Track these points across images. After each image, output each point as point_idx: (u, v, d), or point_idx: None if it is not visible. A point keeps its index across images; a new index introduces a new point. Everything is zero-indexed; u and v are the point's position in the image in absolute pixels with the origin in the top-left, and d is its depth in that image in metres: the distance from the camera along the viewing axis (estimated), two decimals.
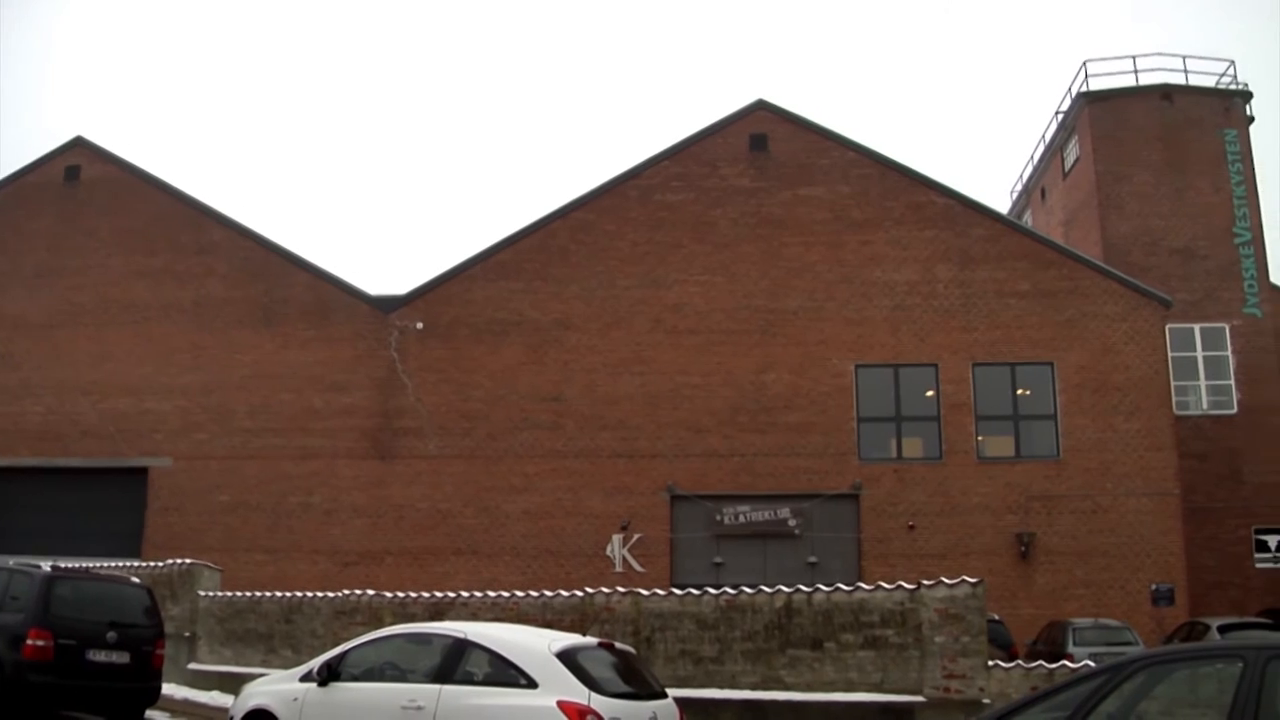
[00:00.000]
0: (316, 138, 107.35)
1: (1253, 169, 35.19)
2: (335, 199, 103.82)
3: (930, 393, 29.04)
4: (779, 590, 16.18)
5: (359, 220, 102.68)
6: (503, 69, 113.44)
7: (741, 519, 28.29)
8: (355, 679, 11.15)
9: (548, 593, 17.54)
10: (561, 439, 28.91)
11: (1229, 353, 33.77)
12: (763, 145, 30.19)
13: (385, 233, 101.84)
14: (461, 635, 10.90)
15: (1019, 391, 29.32)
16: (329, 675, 11.23)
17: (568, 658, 10.33)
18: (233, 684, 16.76)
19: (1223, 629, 22.89)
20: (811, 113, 30.85)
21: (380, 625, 15.52)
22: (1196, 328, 33.74)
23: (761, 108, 30.67)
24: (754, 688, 15.61)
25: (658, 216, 29.89)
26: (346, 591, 19.30)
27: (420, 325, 29.76)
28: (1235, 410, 33.54)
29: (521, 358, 29.38)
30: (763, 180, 30.03)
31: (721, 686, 15.72)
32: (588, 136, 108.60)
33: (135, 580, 16.20)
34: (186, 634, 20.79)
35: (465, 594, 18.17)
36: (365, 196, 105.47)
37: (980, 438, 28.93)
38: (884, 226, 29.67)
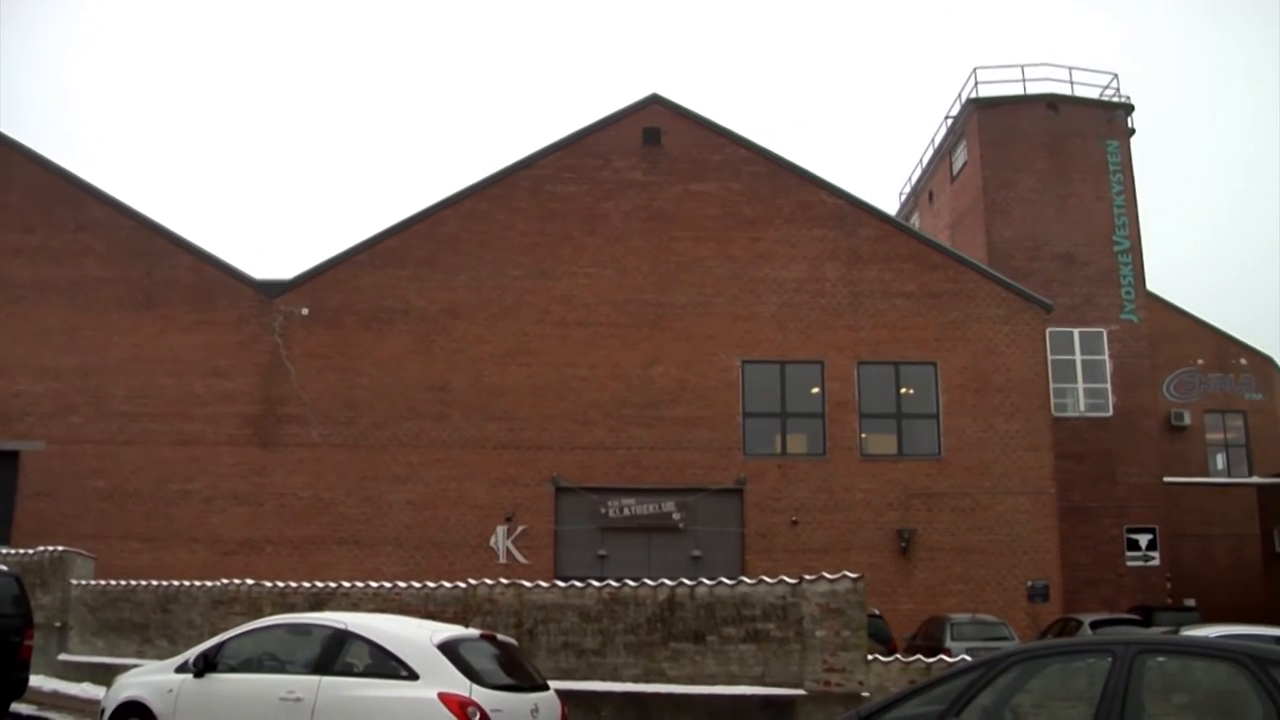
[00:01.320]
0: (205, 119, 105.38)
1: (1133, 179, 36.05)
2: (222, 181, 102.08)
3: (815, 390, 29.28)
4: (662, 583, 16.18)
5: (246, 204, 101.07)
6: (398, 55, 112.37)
7: (626, 512, 28.28)
8: (233, 670, 10.95)
9: (430, 584, 17.37)
10: (447, 429, 28.66)
11: (1106, 357, 34.54)
12: (656, 139, 30.20)
13: (272, 217, 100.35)
14: (342, 626, 10.77)
15: (903, 390, 29.69)
16: (205, 666, 11.02)
17: (449, 649, 10.26)
18: (105, 676, 16.31)
19: (1094, 625, 23.49)
20: (705, 109, 30.84)
21: (259, 615, 15.21)
22: (1076, 332, 34.44)
23: (655, 102, 30.66)
24: (636, 680, 15.59)
25: (549, 207, 29.75)
26: (225, 581, 18.91)
27: (305, 311, 29.28)
28: (1111, 413, 34.33)
29: (408, 346, 29.06)
30: (655, 174, 30.05)
31: (604, 679, 15.68)
32: (481, 126, 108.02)
33: (3, 568, 15.71)
34: (57, 624, 20.21)
35: (347, 584, 17.90)
36: (253, 180, 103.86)
37: (864, 435, 29.25)
38: (774, 224, 29.85)
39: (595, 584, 16.58)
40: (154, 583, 19.79)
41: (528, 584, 16.85)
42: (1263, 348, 43.38)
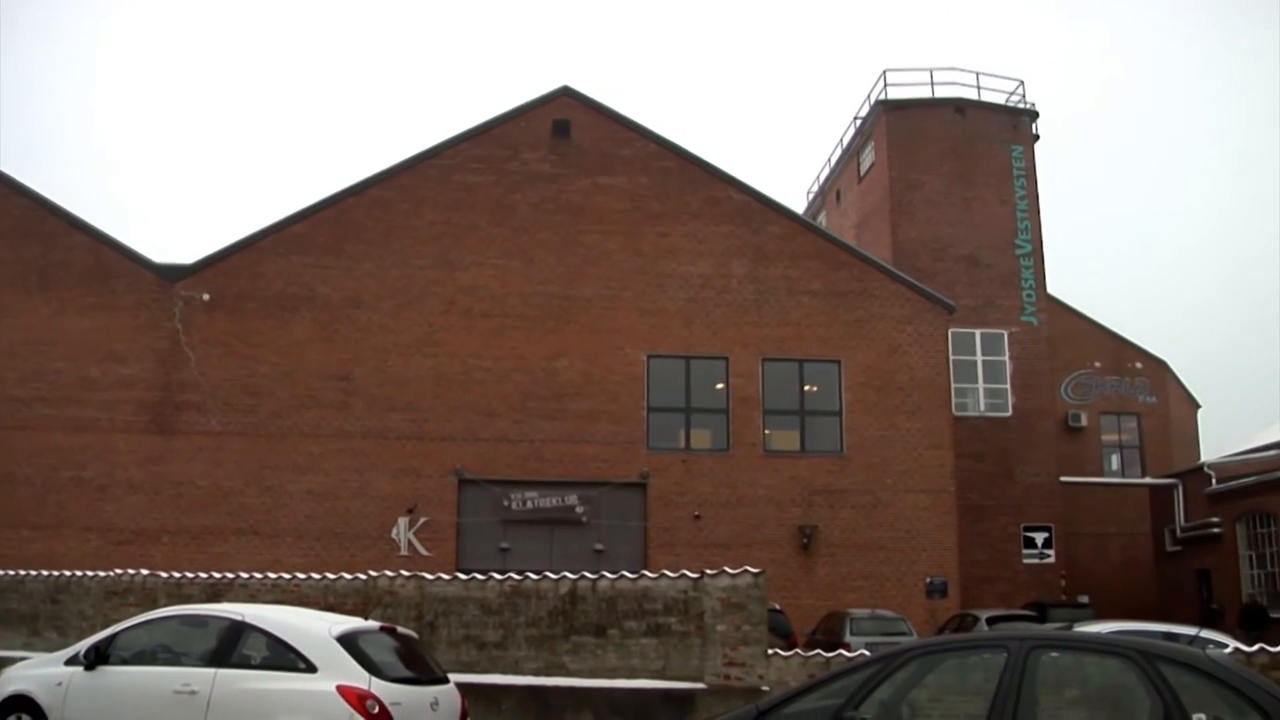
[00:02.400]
0: (107, 100, 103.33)
1: (1036, 185, 36.61)
2: (122, 163, 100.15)
3: (720, 385, 29.39)
4: (564, 577, 16.14)
5: (146, 187, 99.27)
6: (308, 42, 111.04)
7: (529, 505, 28.18)
8: (125, 662, 10.72)
9: (330, 575, 17.16)
10: (349, 419, 28.32)
11: (1006, 358, 35.04)
12: (565, 132, 30.07)
13: (174, 201, 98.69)
14: (239, 617, 10.61)
15: (806, 388, 29.89)
16: (97, 658, 10.78)
17: (348, 642, 10.16)
18: None
19: (990, 621, 23.88)
20: (616, 103, 30.72)
21: (154, 607, 14.91)
22: (977, 333, 34.90)
23: (566, 94, 30.55)
24: (537, 674, 15.54)
25: (456, 197, 29.52)
26: (119, 571, 18.49)
27: (207, 297, 28.75)
28: (1010, 413, 34.84)
29: (311, 334, 28.66)
30: (563, 167, 29.94)
31: (505, 672, 15.61)
32: (391, 115, 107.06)
33: None
34: None
35: (245, 575, 17.62)
36: (154, 163, 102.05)
37: (767, 431, 29.40)
38: (681, 219, 29.90)
39: (497, 577, 16.48)
40: (44, 572, 19.28)
41: (429, 576, 16.71)
42: (1157, 352, 44.34)
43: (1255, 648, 13.93)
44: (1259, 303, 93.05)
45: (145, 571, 18.35)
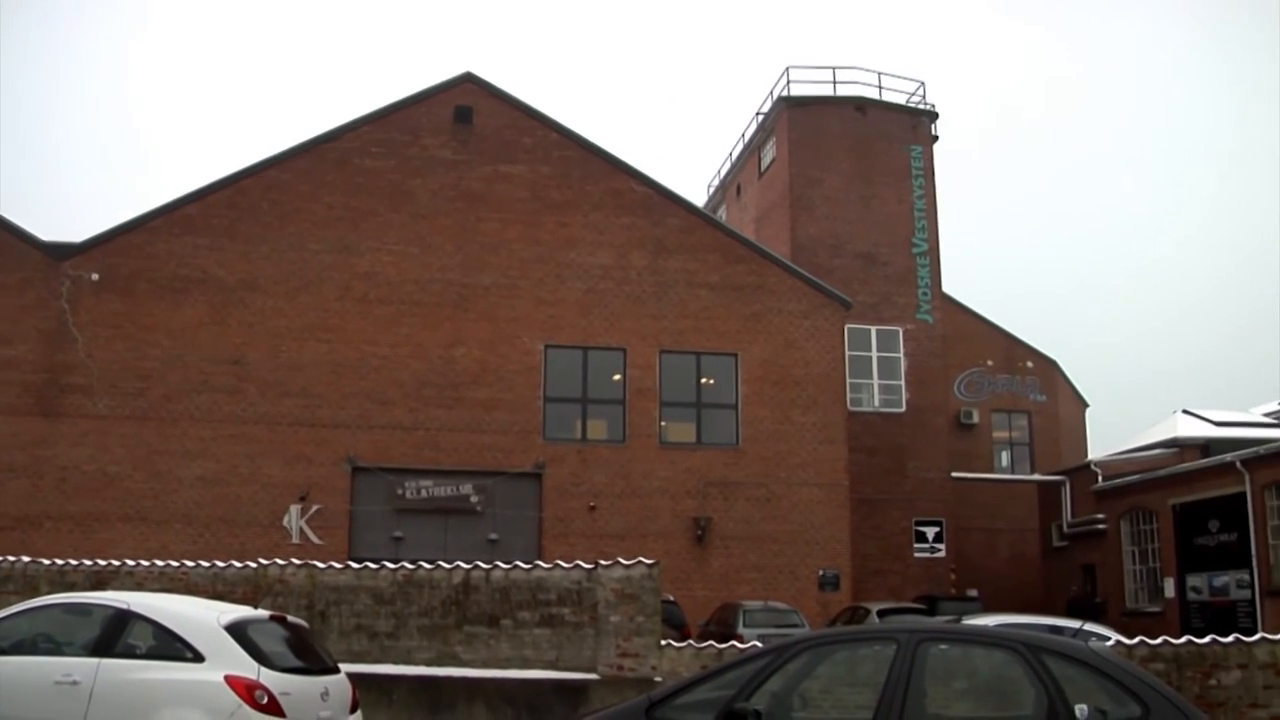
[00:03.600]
0: None
1: (934, 185, 37.06)
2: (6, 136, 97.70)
3: (617, 377, 29.39)
4: (458, 566, 16.04)
5: (33, 162, 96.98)
6: (213, 19, 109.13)
7: (424, 494, 27.96)
8: (4, 652, 10.37)
9: (219, 563, 16.84)
10: (241, 404, 27.84)
11: (901, 355, 35.48)
12: (467, 118, 29.85)
13: (63, 179, 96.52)
14: (124, 606, 10.33)
15: (703, 380, 30.02)
16: None
17: (237, 631, 9.96)
18: None
19: (881, 613, 24.19)
20: (520, 91, 30.58)
21: (36, 595, 14.52)
22: (873, 329, 35.29)
23: (469, 80, 30.30)
24: (429, 664, 15.42)
25: (355, 182, 29.14)
26: None
27: (96, 277, 28.07)
28: (904, 409, 35.30)
29: (203, 317, 28.11)
30: (465, 154, 29.71)
31: (397, 662, 15.47)
32: (289, 98, 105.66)
33: None
34: None
35: (131, 562, 17.21)
36: (42, 138, 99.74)
37: (663, 423, 29.48)
38: (582, 210, 29.83)
39: (390, 566, 16.34)
40: None
41: (320, 565, 16.49)
42: (1048, 352, 45.16)
43: (1135, 640, 14.23)
44: (1150, 307, 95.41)
45: (27, 558, 17.81)
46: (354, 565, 16.53)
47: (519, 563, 16.33)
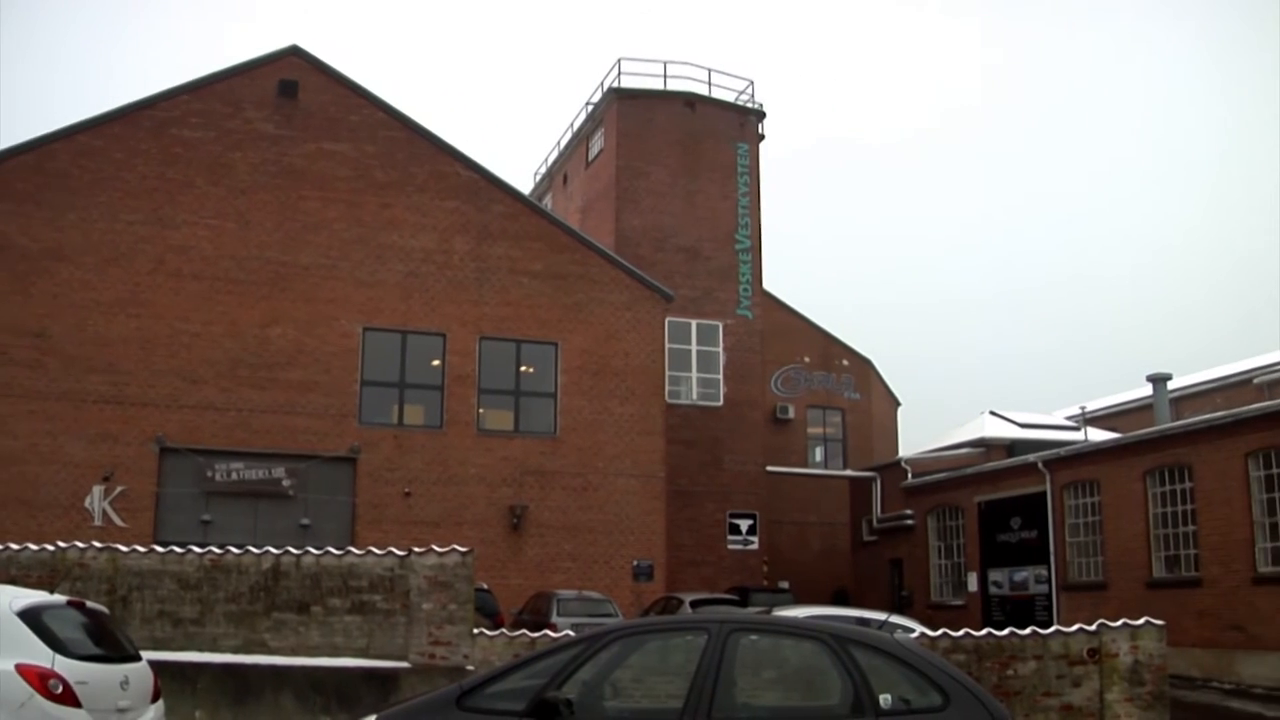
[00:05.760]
0: None
1: (758, 183, 37.61)
2: None
3: (436, 362, 29.13)
4: (267, 551, 15.66)
5: None
6: None
7: (234, 476, 27.29)
8: None
9: (14, 545, 16.05)
10: (43, 379, 26.66)
11: (720, 349, 35.93)
12: (292, 92, 29.13)
13: None
14: None
15: (523, 368, 29.96)
16: None
17: (30, 617, 9.52)
18: None
19: (694, 604, 24.52)
20: (347, 68, 29.97)
21: None
22: (694, 323, 35.65)
23: (294, 54, 29.58)
24: (236, 651, 15.03)
25: (172, 152, 28.18)
26: None
27: None
28: (721, 403, 35.77)
29: (4, 286, 26.71)
30: (288, 129, 29.02)
31: (202, 649, 15.02)
32: (104, 60, 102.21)
33: None
34: None
35: None
36: None
37: (482, 410, 29.31)
38: (406, 191, 29.46)
39: (197, 550, 15.87)
40: None
41: (124, 548, 15.89)
42: (864, 351, 46.19)
43: (939, 632, 14.62)
44: (966, 311, 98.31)
45: None
46: (159, 549, 15.99)
47: (331, 549, 16.05)
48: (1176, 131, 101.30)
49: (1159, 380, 35.47)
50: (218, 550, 15.86)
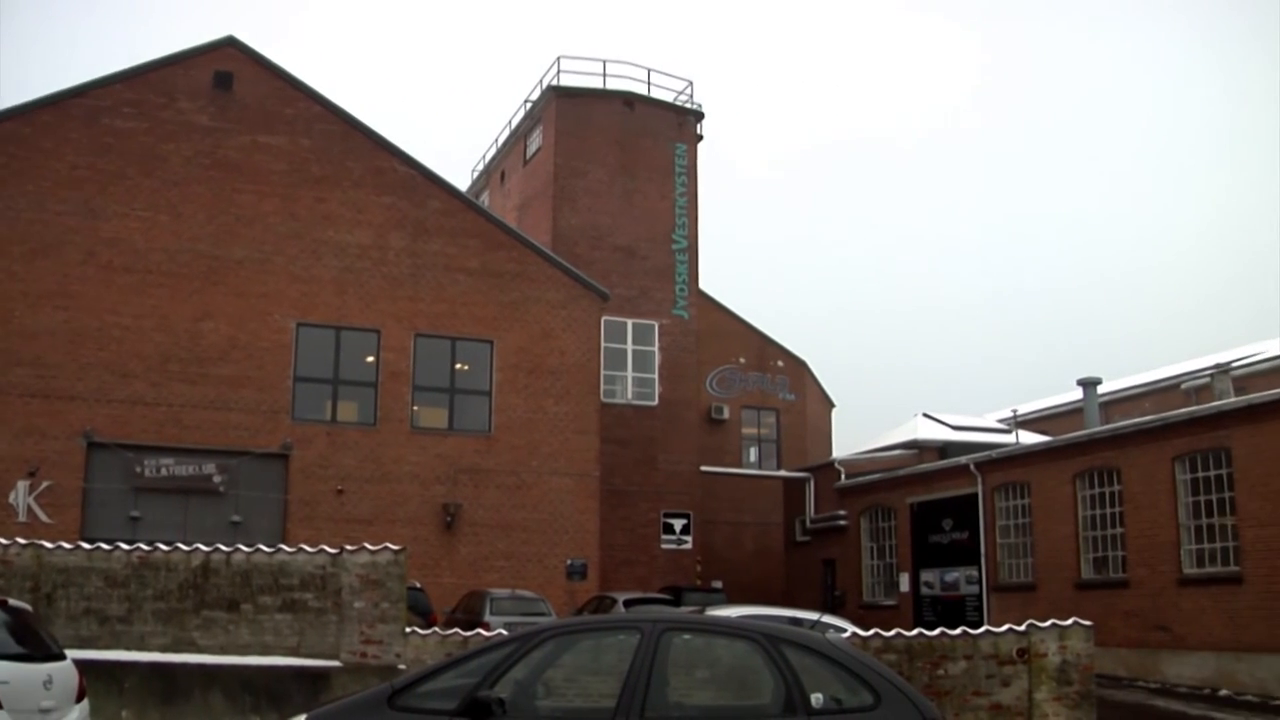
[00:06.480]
0: None
1: (696, 183, 37.70)
2: None
3: (370, 358, 28.95)
4: (197, 549, 15.48)
5: None
6: None
7: (164, 472, 26.95)
8: None
9: None
10: None
11: (656, 349, 35.97)
12: (227, 84, 28.79)
13: None
14: None
15: (458, 366, 29.84)
16: None
17: None
18: None
19: (628, 603, 24.53)
20: (284, 61, 29.74)
21: None
22: (629, 322, 35.66)
23: (231, 44, 29.23)
24: (165, 650, 14.84)
25: (103, 142, 27.75)
26: None
27: None
28: (656, 403, 35.81)
29: None
30: (223, 121, 28.67)
31: (129, 648, 14.83)
32: (34, 47, 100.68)
33: None
34: None
35: None
36: None
37: (416, 407, 29.17)
38: (342, 186, 29.24)
39: (124, 547, 15.64)
40: None
41: (49, 545, 15.63)
42: (798, 352, 46.39)
43: (871, 632, 14.71)
44: (906, 315, 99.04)
45: None
46: (85, 545, 15.76)
47: (262, 546, 15.89)
48: (1119, 144, 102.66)
49: (1089, 384, 35.88)
50: (146, 547, 15.63)
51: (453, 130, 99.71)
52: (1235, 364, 36.47)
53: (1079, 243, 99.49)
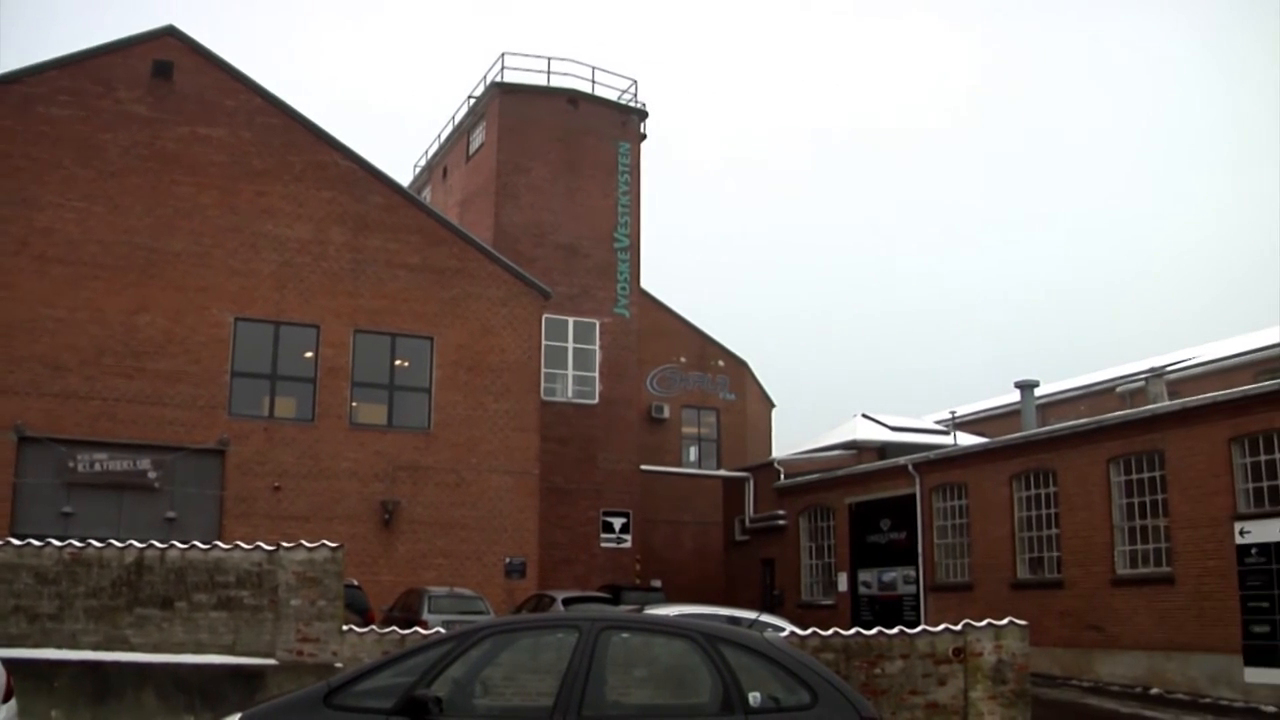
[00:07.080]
0: None
1: (639, 182, 37.73)
2: None
3: (309, 354, 28.73)
4: (130, 545, 15.23)
5: None
6: None
7: (97, 467, 26.60)
8: None
9: None
10: None
11: (597, 347, 35.99)
12: (167, 74, 28.43)
13: None
14: None
15: (397, 362, 29.68)
16: None
17: None
18: None
19: (566, 602, 24.50)
20: (225, 52, 29.35)
21: None
22: (570, 320, 35.63)
23: (170, 34, 28.87)
24: (96, 648, 14.60)
25: (37, 130, 27.28)
26: None
27: None
28: (596, 401, 35.81)
29: None
30: (162, 111, 28.32)
31: (60, 646, 14.58)
32: None
33: None
34: None
35: None
36: None
37: (354, 404, 29.01)
38: (282, 180, 28.98)
39: (55, 543, 15.39)
40: None
41: None
42: (739, 352, 46.51)
43: (809, 631, 14.74)
44: (847, 318, 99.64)
45: None
46: (15, 541, 15.50)
47: (197, 543, 15.65)
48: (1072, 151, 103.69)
49: (1026, 387, 36.21)
50: (78, 543, 15.37)
51: (396, 125, 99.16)
52: (1169, 368, 37.01)
53: (1043, 247, 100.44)
